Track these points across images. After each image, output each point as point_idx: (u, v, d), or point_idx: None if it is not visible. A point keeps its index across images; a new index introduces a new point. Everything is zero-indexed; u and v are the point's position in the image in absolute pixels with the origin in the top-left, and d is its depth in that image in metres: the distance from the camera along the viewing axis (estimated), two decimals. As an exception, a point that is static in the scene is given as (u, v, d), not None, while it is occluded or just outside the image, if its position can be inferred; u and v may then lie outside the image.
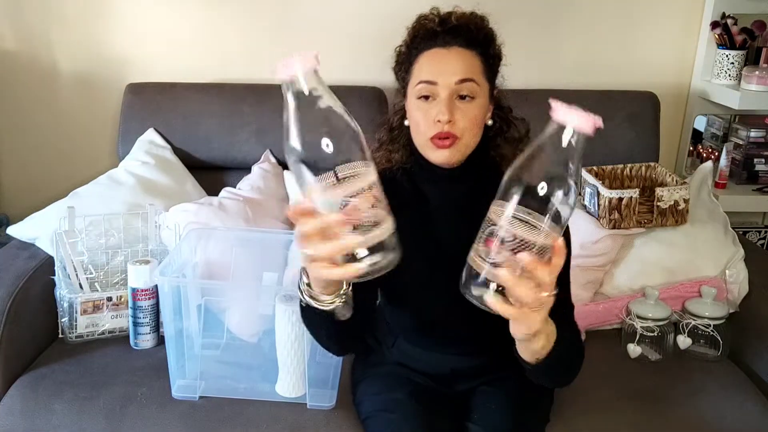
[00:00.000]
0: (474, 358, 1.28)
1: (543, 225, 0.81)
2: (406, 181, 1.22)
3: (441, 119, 1.10)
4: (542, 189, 0.81)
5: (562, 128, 0.81)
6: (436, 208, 1.22)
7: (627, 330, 1.61)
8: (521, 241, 0.82)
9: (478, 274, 0.85)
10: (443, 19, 1.14)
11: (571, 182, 0.81)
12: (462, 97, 1.12)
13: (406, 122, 1.20)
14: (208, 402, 1.40)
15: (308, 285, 0.97)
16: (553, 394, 1.36)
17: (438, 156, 1.14)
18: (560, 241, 0.85)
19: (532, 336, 0.94)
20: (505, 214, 0.82)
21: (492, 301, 0.84)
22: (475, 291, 0.85)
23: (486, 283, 0.84)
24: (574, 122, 0.80)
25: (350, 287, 1.01)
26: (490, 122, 1.19)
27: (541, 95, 2.00)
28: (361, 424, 1.32)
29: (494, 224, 0.84)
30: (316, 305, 0.98)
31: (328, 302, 0.98)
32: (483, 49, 1.15)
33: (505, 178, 0.84)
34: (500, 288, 0.85)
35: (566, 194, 0.81)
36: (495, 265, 0.83)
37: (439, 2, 1.21)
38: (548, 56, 2.14)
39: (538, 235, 0.82)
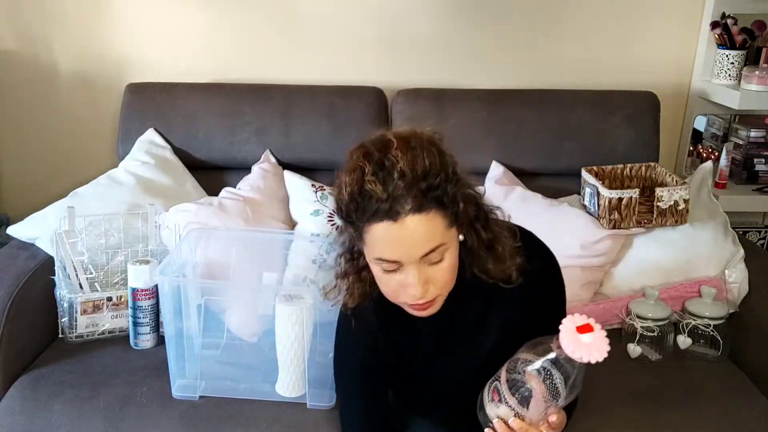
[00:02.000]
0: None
1: (530, 403, 0.96)
2: (386, 305, 1.09)
3: (413, 295, 0.98)
4: (532, 378, 0.95)
5: (560, 349, 0.92)
6: (420, 325, 1.13)
7: (627, 330, 1.61)
8: (512, 404, 0.98)
9: (483, 405, 1.02)
10: (385, 179, 0.93)
11: (559, 387, 0.94)
12: (429, 263, 0.98)
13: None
14: (208, 402, 1.40)
15: None
16: None
17: (416, 314, 1.05)
18: (554, 418, 0.96)
19: None
20: (503, 380, 0.98)
21: None
22: (481, 418, 1.03)
23: (487, 420, 1.01)
24: (570, 353, 0.91)
25: None
26: (461, 238, 1.05)
27: (541, 95, 2.03)
28: None
29: (498, 379, 0.99)
30: None
31: None
32: (438, 200, 0.95)
33: (517, 353, 0.98)
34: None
35: (553, 395, 0.95)
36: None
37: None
38: (548, 56, 2.14)
39: (525, 408, 0.97)
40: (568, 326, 0.92)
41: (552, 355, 0.93)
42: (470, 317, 1.14)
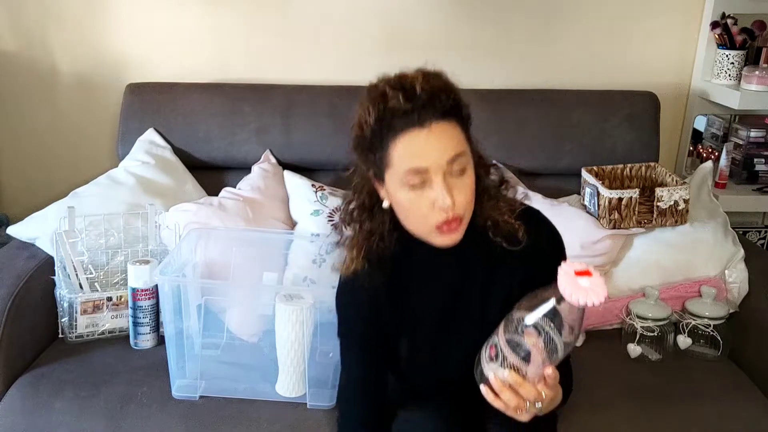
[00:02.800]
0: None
1: (530, 357, 0.95)
2: (396, 258, 1.16)
3: (444, 206, 1.03)
4: (529, 332, 0.93)
5: (560, 295, 0.89)
6: (426, 291, 1.19)
7: (627, 330, 1.61)
8: (510, 359, 0.96)
9: (480, 362, 1.01)
10: (408, 93, 1.01)
11: (556, 339, 0.93)
12: (453, 173, 1.04)
13: (385, 204, 1.11)
14: (208, 402, 1.40)
15: None
16: None
17: (444, 240, 1.08)
18: (549, 371, 0.96)
19: None
20: (501, 334, 0.97)
21: (484, 391, 1.00)
22: (477, 377, 1.01)
23: (484, 377, 1.00)
24: (567, 296, 0.88)
25: None
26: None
27: (541, 95, 2.03)
28: None
29: (496, 335, 0.98)
30: None
31: None
32: (458, 112, 1.05)
33: (514, 308, 0.96)
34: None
35: (548, 346, 0.93)
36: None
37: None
38: (548, 56, 2.14)
39: (522, 363, 0.96)
40: (566, 270, 0.90)
41: (548, 306, 0.91)
42: (475, 284, 1.16)
